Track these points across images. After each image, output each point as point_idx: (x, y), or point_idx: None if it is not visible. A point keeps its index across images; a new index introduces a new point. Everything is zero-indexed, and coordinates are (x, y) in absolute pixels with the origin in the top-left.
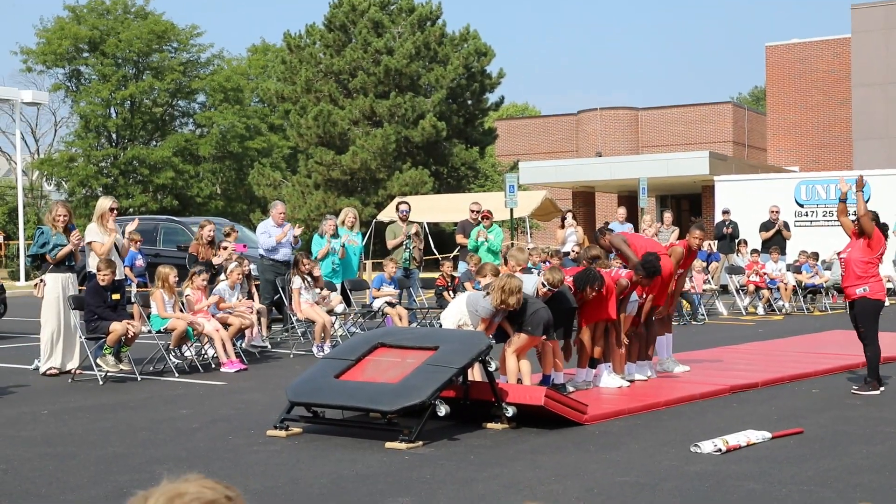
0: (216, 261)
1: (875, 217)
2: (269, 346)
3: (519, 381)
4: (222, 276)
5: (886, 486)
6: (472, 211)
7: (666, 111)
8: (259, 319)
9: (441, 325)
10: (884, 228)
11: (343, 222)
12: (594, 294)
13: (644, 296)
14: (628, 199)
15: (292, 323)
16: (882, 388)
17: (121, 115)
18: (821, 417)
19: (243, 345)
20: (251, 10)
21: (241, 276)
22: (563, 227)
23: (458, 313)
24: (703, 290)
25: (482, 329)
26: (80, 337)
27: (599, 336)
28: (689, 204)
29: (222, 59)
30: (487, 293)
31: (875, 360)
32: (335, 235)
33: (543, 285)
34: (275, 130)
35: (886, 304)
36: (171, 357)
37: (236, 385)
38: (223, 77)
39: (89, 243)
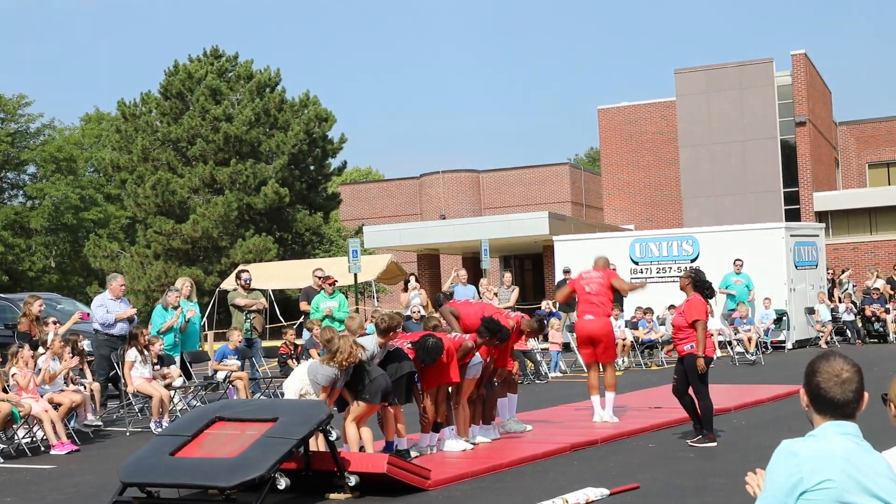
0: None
1: (694, 274)
2: (103, 425)
3: (361, 448)
4: (40, 350)
5: None
6: (317, 277)
7: (506, 173)
8: (92, 396)
9: (283, 395)
10: (706, 287)
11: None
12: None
13: (488, 359)
14: (472, 261)
15: (129, 399)
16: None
17: None
18: (656, 472)
19: (75, 424)
20: (83, 78)
21: (62, 346)
22: (406, 290)
23: (300, 382)
24: (543, 349)
25: (324, 397)
26: None
27: (442, 400)
28: (531, 263)
29: (53, 128)
30: (323, 360)
31: (709, 413)
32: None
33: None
34: (111, 200)
35: (716, 356)
36: None
37: (67, 468)
38: (55, 147)
39: None
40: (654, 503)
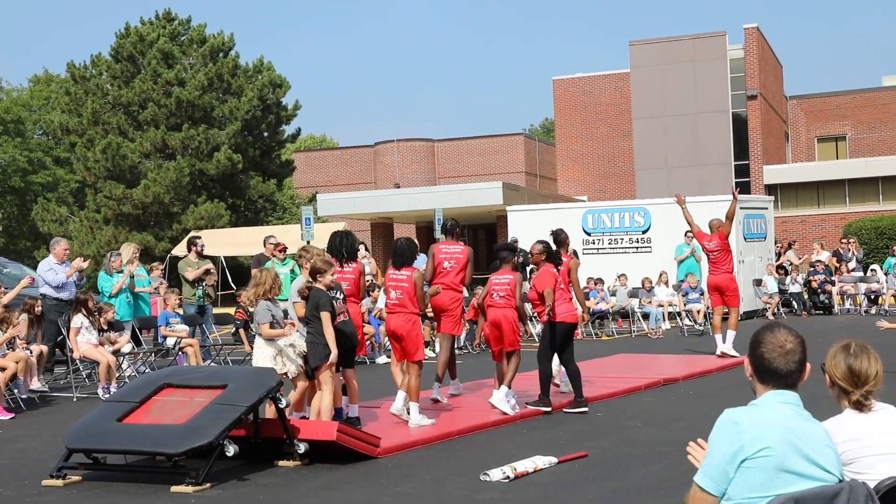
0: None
1: (546, 246)
2: (49, 390)
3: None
4: None
5: None
6: (269, 244)
7: (461, 143)
8: (39, 360)
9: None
10: (557, 257)
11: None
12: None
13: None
14: (426, 230)
15: (76, 364)
16: (586, 409)
17: None
18: (605, 440)
19: (22, 389)
20: (31, 38)
21: (5, 312)
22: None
23: (263, 348)
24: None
25: (274, 333)
26: None
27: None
28: (485, 233)
29: (1, 89)
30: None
31: (576, 378)
32: (122, 272)
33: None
34: (60, 164)
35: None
36: None
37: (11, 433)
38: (2, 108)
39: None
40: (602, 471)
